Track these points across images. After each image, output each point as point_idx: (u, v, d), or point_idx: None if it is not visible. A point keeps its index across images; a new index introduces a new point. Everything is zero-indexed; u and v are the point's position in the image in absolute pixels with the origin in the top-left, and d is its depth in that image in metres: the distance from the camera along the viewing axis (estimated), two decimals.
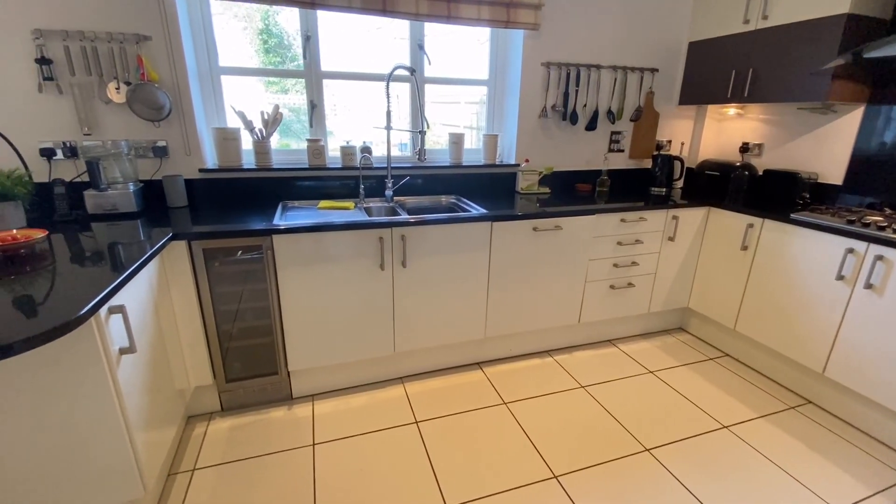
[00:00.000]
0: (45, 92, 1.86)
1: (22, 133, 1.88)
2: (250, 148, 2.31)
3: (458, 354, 2.33)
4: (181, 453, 1.73)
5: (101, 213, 1.85)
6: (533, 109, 2.65)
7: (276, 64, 2.33)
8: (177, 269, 1.69)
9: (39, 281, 1.17)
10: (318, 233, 1.82)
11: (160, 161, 2.08)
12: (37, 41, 1.81)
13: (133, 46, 1.91)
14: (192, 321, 1.76)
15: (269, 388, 2.01)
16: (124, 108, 1.97)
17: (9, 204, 1.60)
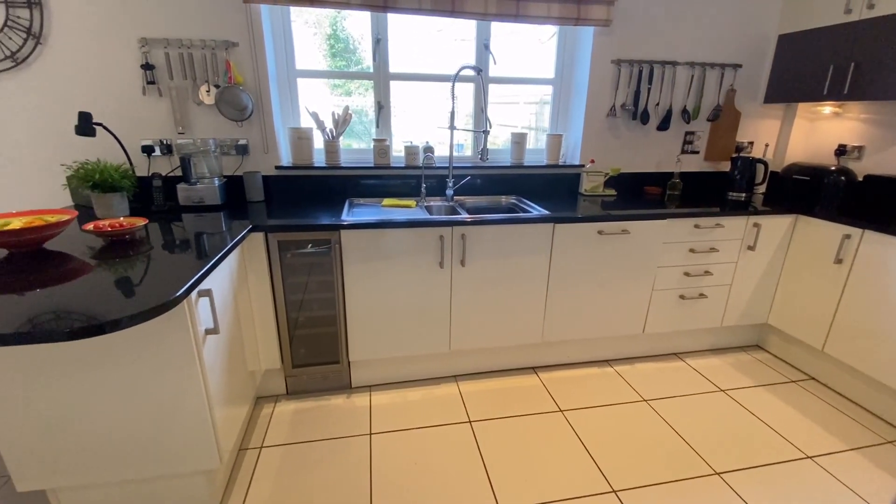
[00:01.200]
0: (148, 95, 2.07)
1: (127, 131, 2.11)
2: (321, 147, 2.43)
3: (512, 357, 2.30)
4: (251, 431, 1.85)
5: (190, 205, 2.03)
6: (600, 109, 2.56)
7: (341, 67, 2.43)
8: (254, 259, 1.81)
9: (141, 264, 1.30)
10: (382, 229, 1.87)
11: (241, 158, 2.24)
12: (143, 49, 2.01)
13: (223, 52, 2.07)
14: (266, 308, 1.89)
15: (331, 375, 2.10)
16: (213, 109, 2.14)
17: (116, 195, 1.80)
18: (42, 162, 2.08)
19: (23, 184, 2.10)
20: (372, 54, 2.37)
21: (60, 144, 2.07)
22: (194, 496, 1.46)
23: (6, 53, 1.92)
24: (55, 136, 2.06)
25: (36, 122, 2.03)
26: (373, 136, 2.51)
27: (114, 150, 2.12)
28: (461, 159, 2.62)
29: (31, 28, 1.91)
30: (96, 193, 1.76)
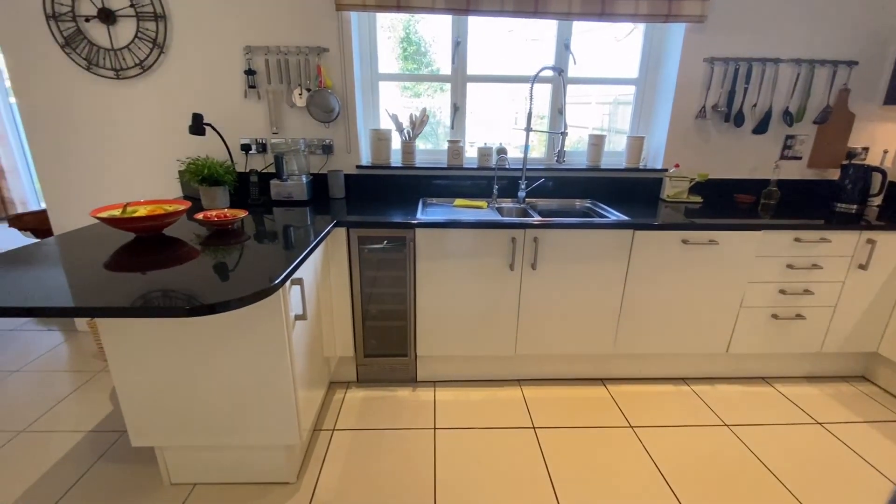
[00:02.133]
0: (248, 98, 2.27)
1: (229, 131, 2.32)
2: (397, 147, 2.52)
3: (580, 366, 2.24)
4: (324, 413, 1.97)
5: (281, 200, 2.20)
6: (689, 110, 2.40)
7: (412, 70, 2.52)
8: (336, 252, 1.92)
9: (243, 252, 1.43)
10: (455, 229, 1.91)
11: (326, 157, 2.38)
12: (246, 56, 2.21)
13: (315, 58, 2.22)
14: (343, 298, 1.99)
15: (398, 368, 2.17)
16: (303, 111, 2.30)
17: (220, 188, 2.00)
18: (160, 157, 2.36)
19: (144, 175, 2.39)
20: (451, 57, 2.41)
21: (175, 142, 2.34)
22: (275, 468, 1.58)
23: (135, 61, 2.20)
24: (171, 135, 2.32)
25: (156, 121, 2.30)
26: (447, 137, 2.56)
27: (217, 148, 2.35)
28: (534, 161, 2.59)
29: (156, 39, 2.17)
30: (204, 187, 1.96)
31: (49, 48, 2.17)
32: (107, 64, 2.19)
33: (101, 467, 1.66)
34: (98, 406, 2.01)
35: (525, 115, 2.25)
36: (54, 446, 1.76)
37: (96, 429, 1.86)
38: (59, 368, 2.30)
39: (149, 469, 1.65)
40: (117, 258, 1.34)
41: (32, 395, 2.08)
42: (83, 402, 2.04)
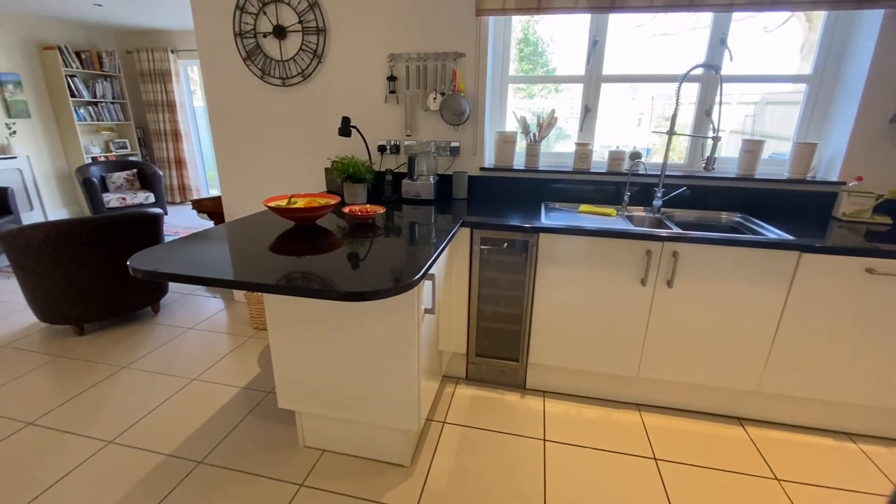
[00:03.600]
0: (388, 102, 2.45)
1: (370, 133, 2.53)
2: (520, 150, 2.50)
3: (713, 399, 2.00)
4: (436, 405, 2.04)
5: (409, 198, 2.33)
6: (880, 113, 1.99)
7: (527, 71, 2.48)
8: (459, 251, 1.98)
9: (382, 244, 1.54)
10: (583, 236, 1.83)
11: (452, 159, 2.46)
12: (390, 63, 2.38)
13: (451, 63, 2.30)
14: (462, 296, 2.04)
15: (508, 371, 2.16)
16: (435, 115, 2.40)
17: (360, 185, 2.18)
18: (311, 154, 2.66)
19: (297, 170, 2.72)
20: (587, 56, 2.32)
21: (325, 141, 2.61)
22: (393, 449, 1.68)
23: (298, 70, 2.51)
24: (322, 135, 2.61)
25: (311, 123, 2.60)
26: (560, 140, 2.47)
27: (358, 148, 2.57)
28: (673, 167, 2.38)
29: (316, 50, 2.45)
30: (347, 183, 2.16)
31: (234, 61, 2.58)
32: (276, 73, 2.54)
33: (251, 420, 1.93)
34: (248, 367, 2.34)
35: (652, 117, 2.07)
36: (216, 396, 2.09)
37: (247, 387, 2.17)
38: (220, 330, 2.74)
39: (288, 429, 1.87)
40: (280, 242, 1.54)
41: (201, 350, 2.50)
42: (237, 361, 2.39)
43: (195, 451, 1.74)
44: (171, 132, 6.06)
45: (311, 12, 2.38)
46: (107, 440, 1.80)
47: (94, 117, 5.56)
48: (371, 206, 1.91)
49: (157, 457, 1.71)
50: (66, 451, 1.73)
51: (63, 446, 1.76)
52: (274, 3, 2.41)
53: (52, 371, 2.27)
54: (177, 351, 2.48)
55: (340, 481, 1.61)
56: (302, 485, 1.60)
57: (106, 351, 2.47)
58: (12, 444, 1.77)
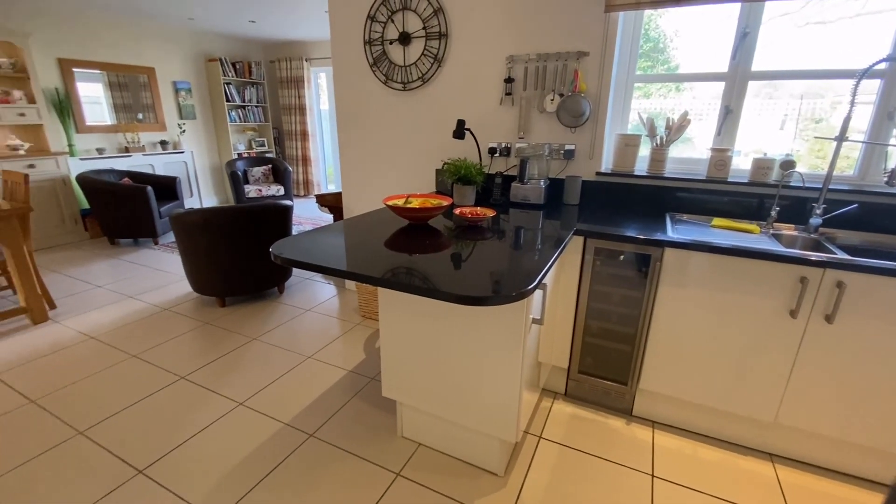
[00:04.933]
0: (503, 104, 2.43)
1: (483, 135, 2.54)
2: (644, 154, 2.30)
3: (873, 462, 1.63)
4: (532, 418, 1.97)
5: (518, 202, 2.28)
6: None
7: (646, 70, 2.27)
8: (569, 260, 1.88)
9: (490, 249, 1.52)
10: (720, 255, 1.61)
11: (566, 162, 2.36)
12: (508, 65, 2.35)
13: (574, 62, 2.20)
14: (568, 308, 1.94)
15: (613, 394, 2.01)
16: (551, 116, 2.32)
17: (470, 187, 2.20)
18: (423, 155, 2.76)
19: (411, 170, 2.84)
20: (733, 51, 2.05)
21: (437, 143, 2.69)
22: (488, 456, 1.65)
23: (419, 75, 2.61)
24: (435, 137, 2.68)
25: (426, 125, 2.69)
26: (703, 143, 2.20)
27: (469, 150, 2.60)
28: (841, 179, 1.99)
29: (437, 55, 2.52)
30: (458, 185, 2.19)
31: (362, 67, 2.77)
32: (398, 78, 2.67)
33: (355, 403, 2.05)
34: (355, 352, 2.50)
35: (799, 119, 1.73)
36: (326, 375, 2.27)
37: (354, 370, 2.32)
38: (332, 315, 2.97)
39: (389, 417, 1.95)
40: (394, 239, 1.60)
41: (316, 331, 2.74)
42: (346, 345, 2.57)
43: (308, 424, 1.91)
44: (300, 132, 6.77)
45: (434, 18, 2.45)
46: (238, 402, 2.05)
47: (242, 119, 6.44)
48: (481, 208, 1.90)
49: (276, 424, 1.91)
50: (207, 407, 2.02)
51: (205, 402, 2.05)
52: (401, 10, 2.54)
53: (200, 335, 2.67)
54: (296, 329, 2.75)
55: (434, 477, 1.64)
56: (399, 474, 1.65)
57: (241, 322, 2.84)
58: (168, 394, 2.11)
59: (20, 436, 1.82)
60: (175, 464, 1.69)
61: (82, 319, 2.85)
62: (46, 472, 1.64)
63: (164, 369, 2.31)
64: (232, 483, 1.60)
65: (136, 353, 2.45)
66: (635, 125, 2.34)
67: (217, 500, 1.53)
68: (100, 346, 2.52)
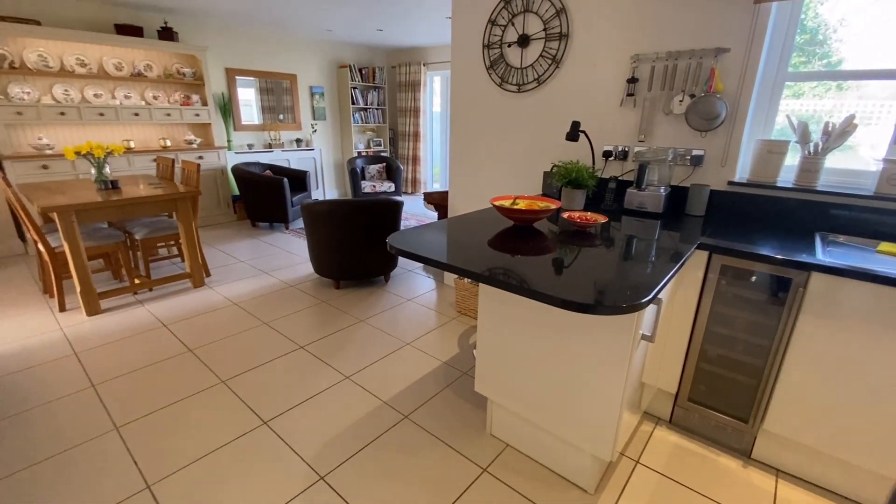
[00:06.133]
0: (624, 106, 2.30)
1: (597, 138, 2.44)
2: (791, 163, 2.00)
3: None
4: (630, 440, 1.85)
5: (633, 209, 2.15)
6: None
7: (796, 66, 1.92)
8: (688, 276, 1.72)
9: (599, 257, 1.46)
10: (889, 287, 1.34)
11: (692, 169, 2.16)
12: (632, 64, 2.23)
13: (710, 60, 2.00)
14: (683, 329, 1.78)
15: (729, 430, 1.79)
16: (678, 119, 2.14)
17: (580, 191, 2.13)
18: (532, 157, 2.74)
19: (517, 172, 2.84)
20: None
21: (548, 145, 2.65)
22: (578, 470, 1.60)
23: (534, 76, 2.60)
24: (547, 139, 2.65)
25: (538, 127, 2.67)
26: (883, 155, 1.83)
27: (581, 153, 2.51)
28: None
29: (555, 56, 2.48)
30: (567, 188, 2.14)
31: (478, 70, 2.84)
32: (513, 80, 2.69)
33: (447, 394, 2.13)
34: (450, 345, 2.59)
35: None
36: (422, 363, 2.39)
37: (448, 362, 2.40)
38: (430, 307, 3.11)
39: (478, 413, 1.99)
40: (498, 239, 1.62)
41: (415, 320, 2.89)
42: (441, 337, 2.67)
43: (404, 406, 2.03)
44: (413, 133, 7.16)
45: (556, 19, 2.42)
46: (345, 375, 2.26)
47: (363, 120, 7.02)
48: (591, 213, 1.83)
49: (376, 401, 2.07)
50: (319, 376, 2.26)
51: (317, 371, 2.30)
52: (522, 13, 2.55)
53: (317, 311, 2.99)
54: (398, 316, 2.94)
55: (521, 481, 1.63)
56: (485, 470, 1.68)
57: (352, 304, 3.11)
58: (290, 359, 2.40)
59: (179, 377, 2.23)
60: (292, 421, 1.93)
61: (228, 287, 3.38)
62: (194, 410, 1.99)
63: (288, 338, 2.63)
64: (336, 447, 1.78)
65: (267, 321, 2.84)
66: (780, 129, 2.05)
67: (323, 460, 1.72)
68: (240, 312, 2.97)
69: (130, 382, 2.17)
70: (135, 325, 2.76)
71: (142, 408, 1.99)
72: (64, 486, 1.57)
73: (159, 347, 2.50)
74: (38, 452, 1.73)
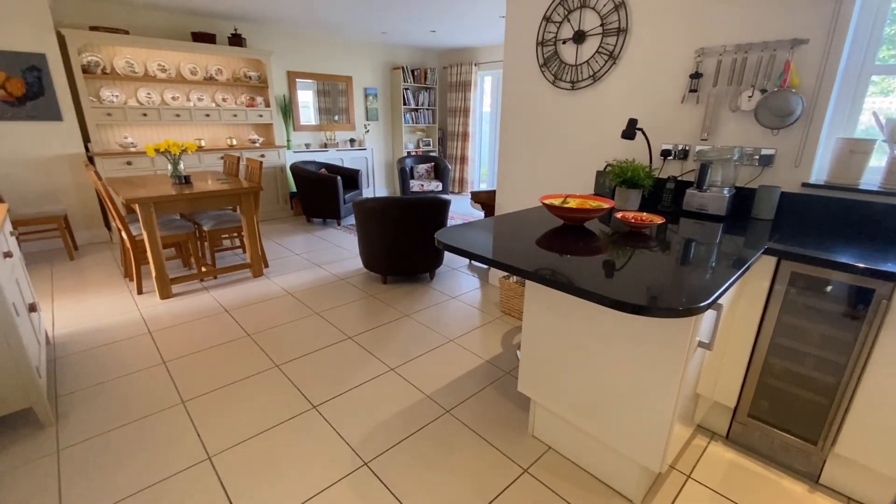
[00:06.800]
0: (685, 102, 2.19)
1: (655, 136, 2.34)
2: (876, 164, 1.82)
3: None
4: (681, 453, 1.76)
5: (692, 211, 2.04)
6: None
7: (885, 59, 1.72)
8: (752, 283, 1.62)
9: (655, 259, 1.40)
10: None
11: (761, 170, 2.02)
12: (697, 59, 2.11)
13: (785, 53, 1.86)
14: (745, 339, 1.67)
15: (794, 452, 1.66)
16: (746, 116, 2.01)
17: (635, 191, 2.05)
18: (584, 156, 2.67)
19: (568, 171, 2.78)
20: None
21: (602, 144, 2.58)
22: (624, 480, 1.54)
23: (589, 73, 2.53)
24: (600, 137, 2.57)
25: (591, 125, 2.60)
26: None
27: (637, 152, 2.42)
28: None
29: (612, 52, 2.41)
30: (622, 188, 2.07)
31: (531, 67, 2.81)
32: (567, 77, 2.64)
33: (489, 392, 2.13)
34: (493, 344, 2.58)
35: None
36: (465, 360, 2.40)
37: (490, 361, 2.40)
38: (474, 305, 3.11)
39: (520, 413, 1.98)
40: (546, 238, 1.60)
41: (459, 317, 2.91)
42: (485, 336, 2.67)
43: (445, 401, 2.05)
44: (462, 133, 7.19)
45: (615, 13, 2.35)
46: (390, 367, 2.32)
47: (413, 120, 7.14)
48: (647, 214, 1.76)
49: (419, 394, 2.10)
50: (366, 366, 2.33)
51: (364, 361, 2.38)
52: (579, 9, 2.49)
53: (365, 304, 3.09)
54: (442, 313, 2.97)
55: (563, 485, 1.60)
56: (526, 471, 1.66)
57: (398, 299, 3.19)
58: (337, 350, 2.50)
59: (238, 359, 2.39)
60: (339, 407, 2.01)
61: (284, 279, 3.57)
62: (251, 391, 2.12)
63: (337, 328, 2.74)
64: (380, 436, 1.83)
65: (319, 312, 2.97)
66: (865, 128, 1.87)
67: (367, 447, 1.77)
68: (295, 301, 3.12)
69: (196, 362, 2.35)
70: (201, 309, 2.98)
71: (205, 385, 2.15)
72: (139, 451, 1.73)
73: (222, 331, 2.69)
74: (118, 418, 1.91)
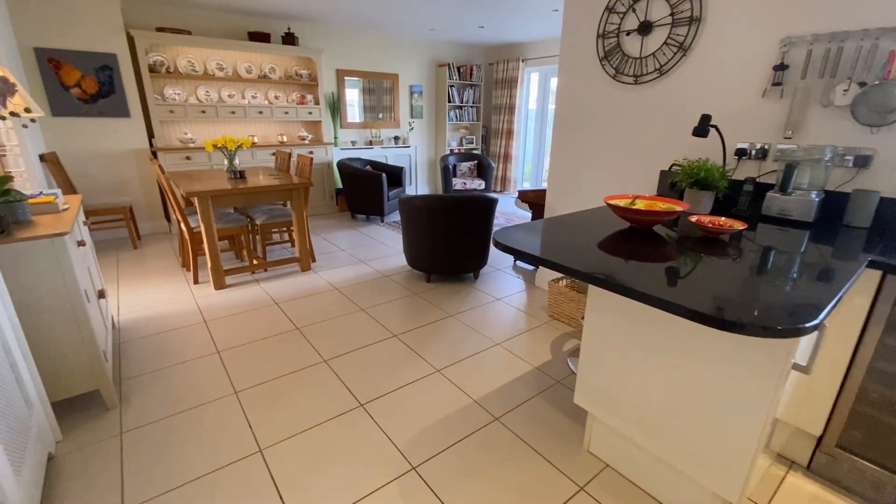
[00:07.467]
0: (767, 97, 2.00)
1: (730, 133, 2.15)
2: None
3: None
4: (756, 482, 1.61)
5: (772, 216, 1.86)
6: None
7: None
8: (851, 300, 1.44)
9: (739, 270, 1.26)
10: None
11: (856, 171, 1.81)
12: (782, 49, 1.92)
13: (889, 42, 1.65)
14: (837, 362, 1.50)
15: (890, 489, 1.47)
16: (840, 112, 1.80)
17: (707, 193, 1.89)
18: (649, 155, 2.51)
19: (628, 171, 2.63)
20: None
21: (668, 141, 2.41)
22: None
23: (655, 66, 2.37)
24: (667, 134, 2.41)
25: (656, 122, 2.44)
26: None
27: (708, 151, 2.24)
28: None
29: (682, 43, 2.24)
30: (693, 189, 1.91)
31: (591, 61, 2.68)
32: (629, 71, 2.48)
33: (539, 401, 2.03)
34: (541, 350, 2.48)
35: None
36: (513, 365, 2.31)
37: (539, 368, 2.30)
38: (520, 308, 3.02)
39: (575, 427, 1.88)
40: (609, 241, 1.49)
41: (504, 320, 2.83)
42: (533, 341, 2.58)
43: (494, 407, 1.98)
44: (506, 131, 7.06)
45: (687, 1, 2.18)
46: (436, 368, 2.28)
47: (458, 118, 7.09)
48: (726, 218, 1.61)
49: (466, 398, 2.04)
50: (412, 366, 2.30)
51: (410, 361, 2.34)
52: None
53: (409, 303, 3.07)
54: (487, 314, 2.90)
55: None
56: (583, 488, 1.56)
57: (442, 298, 3.14)
58: (385, 347, 2.48)
59: (288, 352, 2.42)
60: (386, 406, 1.98)
61: (330, 273, 3.61)
62: (300, 385, 2.14)
63: (383, 325, 2.73)
64: (427, 439, 1.79)
65: (364, 308, 2.97)
66: None
67: (415, 450, 1.73)
68: (341, 297, 3.15)
69: (247, 353, 2.40)
70: (252, 301, 3.06)
71: (256, 377, 2.19)
72: (193, 439, 1.78)
73: (272, 323, 2.74)
74: (175, 405, 1.98)
